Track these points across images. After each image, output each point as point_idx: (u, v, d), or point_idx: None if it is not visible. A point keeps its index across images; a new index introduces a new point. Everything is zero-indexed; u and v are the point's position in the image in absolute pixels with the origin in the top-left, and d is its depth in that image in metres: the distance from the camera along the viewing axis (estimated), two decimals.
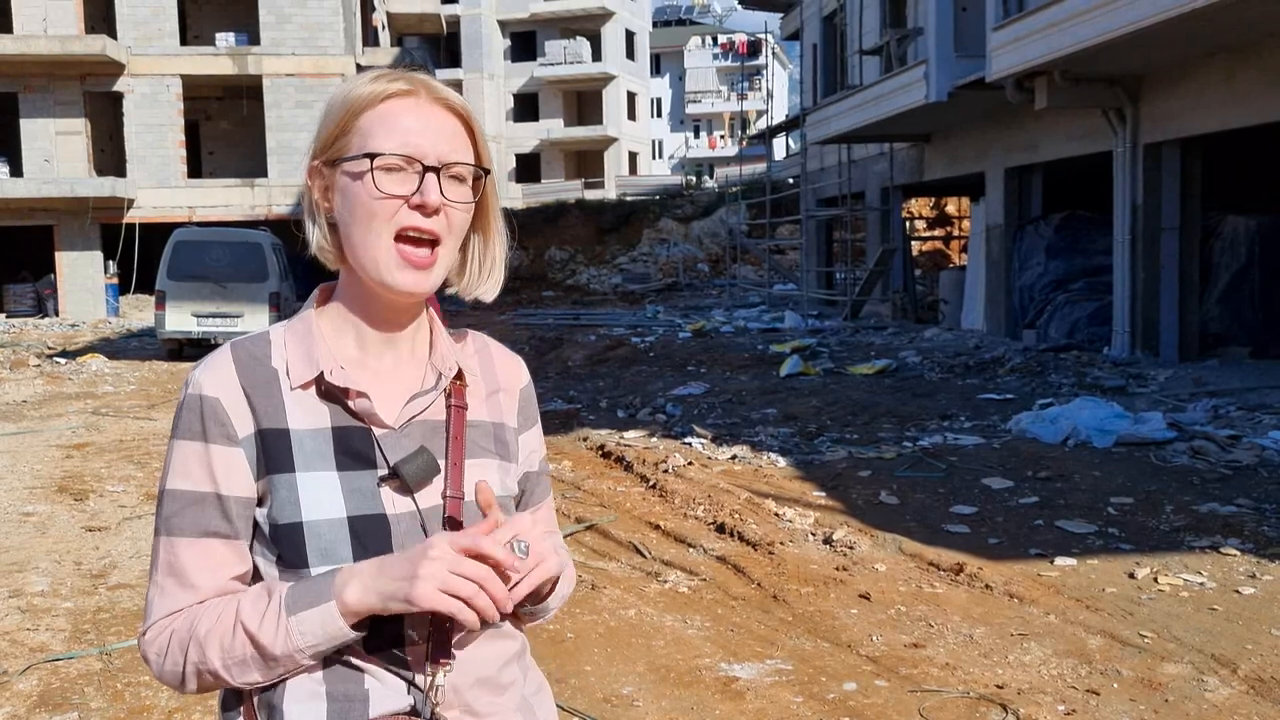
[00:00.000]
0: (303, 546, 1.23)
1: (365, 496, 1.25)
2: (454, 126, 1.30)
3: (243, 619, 1.20)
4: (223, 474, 1.25)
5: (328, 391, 1.28)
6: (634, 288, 33.73)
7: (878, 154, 21.05)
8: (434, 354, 1.37)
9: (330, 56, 29.54)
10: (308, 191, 1.33)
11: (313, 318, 1.34)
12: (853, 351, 15.82)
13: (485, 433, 1.37)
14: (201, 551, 1.25)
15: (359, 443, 1.28)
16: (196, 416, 1.26)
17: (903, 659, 4.56)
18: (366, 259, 1.26)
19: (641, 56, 57.13)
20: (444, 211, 1.26)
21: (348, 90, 1.29)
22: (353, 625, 1.19)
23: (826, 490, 7.53)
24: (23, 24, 28.60)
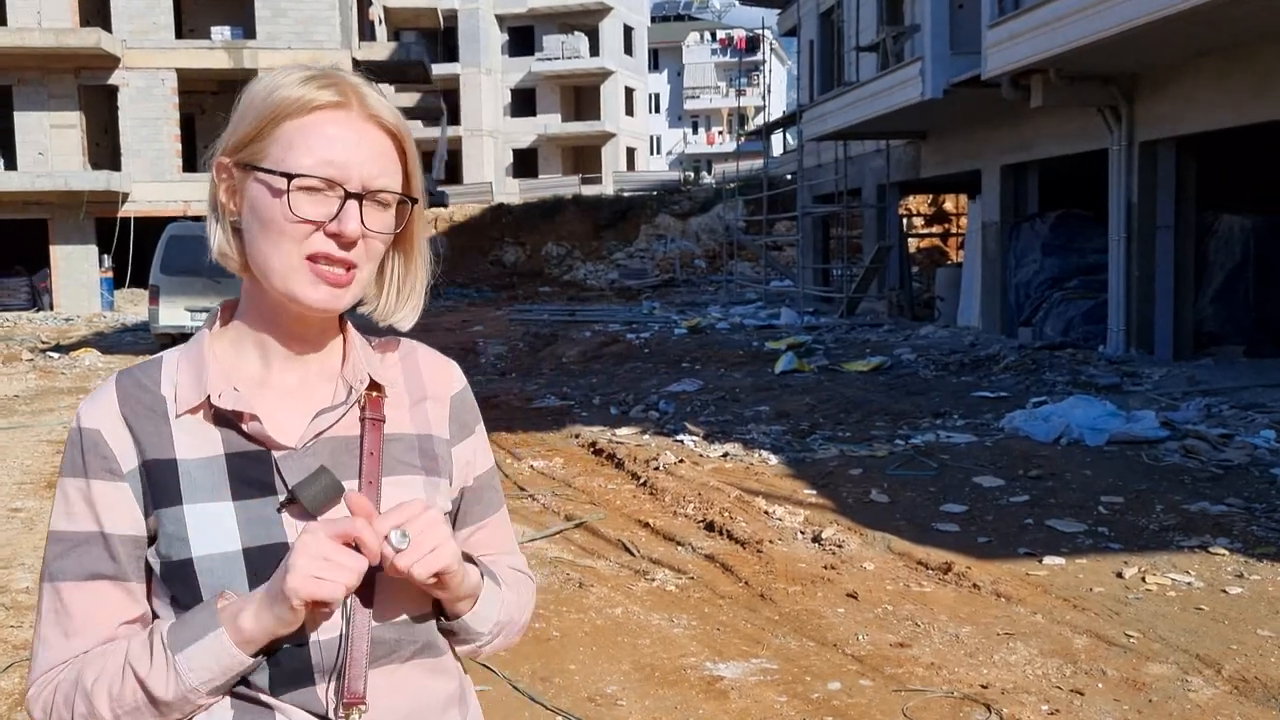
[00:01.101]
0: (195, 585, 1.13)
1: (265, 525, 1.15)
2: (384, 146, 1.18)
3: (131, 663, 1.11)
4: (106, 511, 1.16)
5: (221, 416, 1.18)
6: (631, 284, 33.72)
7: (874, 151, 21.04)
8: (346, 366, 1.26)
9: (326, 51, 29.46)
10: (212, 189, 1.22)
11: (206, 338, 1.24)
12: (848, 348, 15.81)
13: (408, 446, 1.26)
14: (88, 596, 1.16)
15: (256, 468, 1.17)
16: (78, 451, 1.18)
17: (888, 658, 4.55)
18: (274, 272, 1.16)
19: (639, 52, 57.08)
20: (362, 240, 1.16)
21: (272, 89, 1.17)
22: (254, 653, 1.11)
23: (817, 488, 7.52)
24: (17, 16, 28.53)
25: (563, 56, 52.09)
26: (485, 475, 1.38)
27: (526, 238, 42.22)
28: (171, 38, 29.21)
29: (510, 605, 1.31)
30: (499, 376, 14.27)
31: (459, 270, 41.46)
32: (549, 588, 5.52)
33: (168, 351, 1.25)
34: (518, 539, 5.53)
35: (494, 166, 51.83)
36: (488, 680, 4.32)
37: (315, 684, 1.15)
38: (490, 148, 51.95)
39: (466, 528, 1.36)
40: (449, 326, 21.11)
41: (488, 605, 1.26)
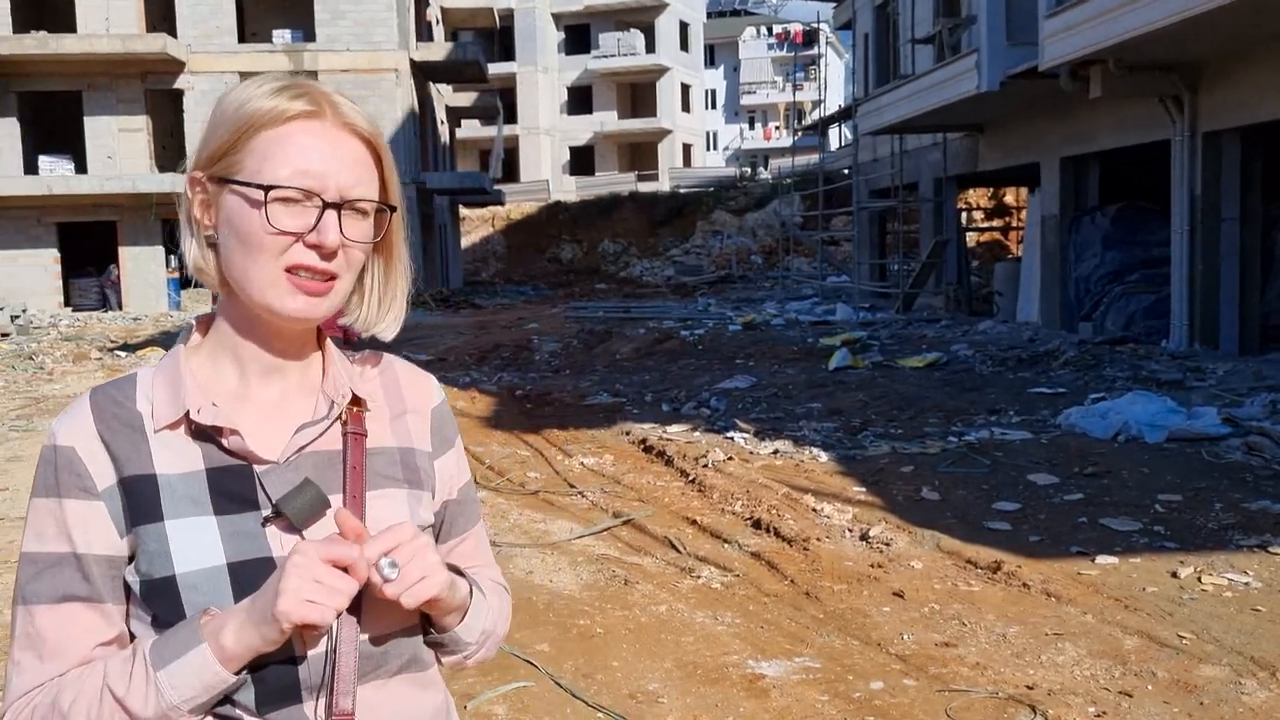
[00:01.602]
0: (178, 602, 1.11)
1: (249, 540, 1.13)
2: (360, 155, 1.18)
3: (109, 684, 1.08)
4: (79, 531, 1.13)
5: (200, 431, 1.16)
6: (687, 280, 33.72)
7: (931, 144, 20.80)
8: (326, 380, 1.24)
9: (384, 52, 29.85)
10: (186, 204, 1.19)
11: (181, 354, 1.22)
12: (903, 344, 15.66)
13: (390, 460, 1.25)
14: (61, 618, 1.12)
15: (238, 483, 1.16)
16: (51, 469, 1.14)
17: (933, 658, 4.51)
18: (252, 285, 1.14)
19: (695, 48, 56.97)
20: (341, 250, 1.15)
21: (244, 100, 1.15)
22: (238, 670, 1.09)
23: (867, 486, 7.47)
24: (86, 23, 29.24)
25: (619, 54, 52.18)
26: (466, 487, 1.37)
27: (583, 235, 42.41)
28: (234, 42, 29.76)
29: (494, 614, 1.31)
30: (552, 374, 14.35)
31: (515, 268, 41.76)
32: (594, 584, 5.55)
33: (141, 369, 1.23)
34: (567, 535, 5.58)
35: (551, 164, 52.07)
36: (531, 676, 4.36)
37: (303, 701, 1.13)
38: (547, 146, 52.21)
39: (451, 540, 1.35)
40: (505, 324, 21.28)
41: (475, 616, 1.25)
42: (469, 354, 16.71)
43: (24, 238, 28.48)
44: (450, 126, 40.51)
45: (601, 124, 52.89)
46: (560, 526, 6.69)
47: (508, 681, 4.31)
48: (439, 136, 36.56)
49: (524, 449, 9.25)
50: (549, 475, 8.22)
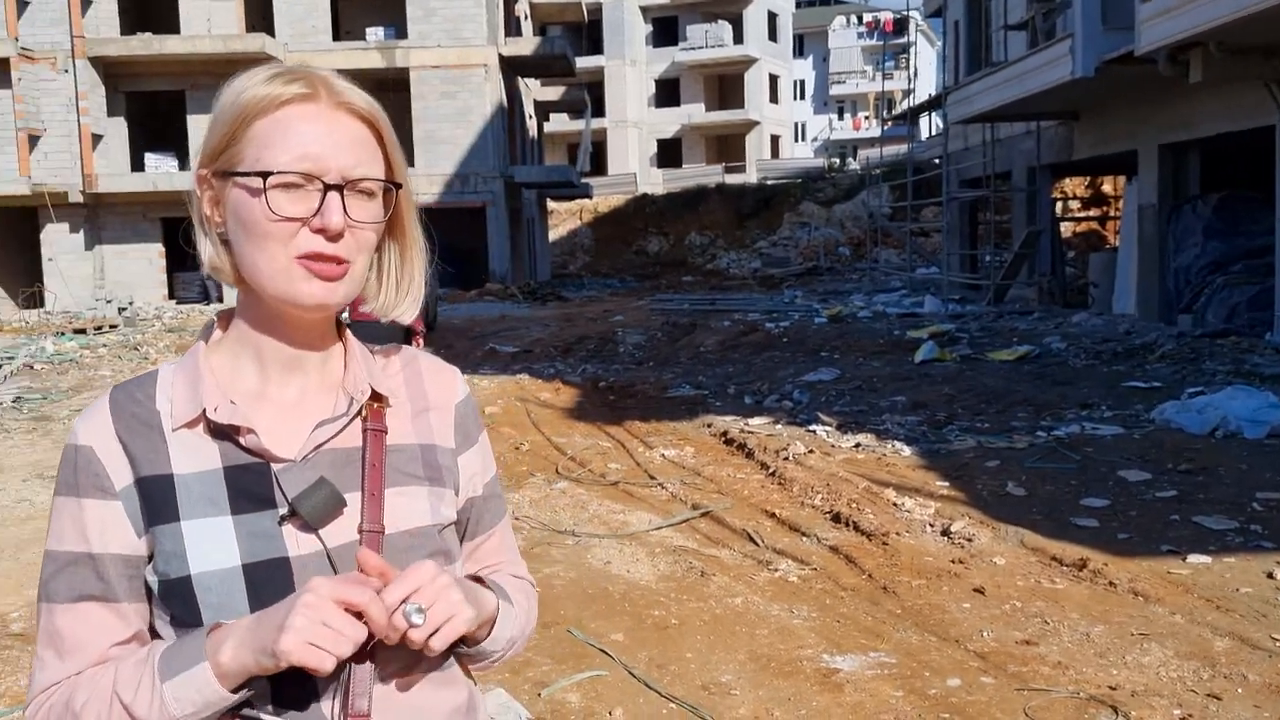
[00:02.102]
0: (194, 602, 1.10)
1: (264, 540, 1.12)
2: (360, 134, 1.15)
3: (118, 690, 1.08)
4: (96, 531, 1.13)
5: (218, 430, 1.15)
6: (773, 272, 33.52)
7: (1024, 133, 20.32)
8: (346, 376, 1.22)
9: (474, 47, 30.21)
10: (196, 203, 1.18)
11: (201, 351, 1.21)
12: (993, 337, 15.37)
13: (411, 457, 1.22)
14: (78, 617, 1.13)
15: (255, 481, 1.14)
16: (71, 469, 1.15)
17: (1012, 656, 4.43)
18: (264, 276, 1.12)
19: (784, 38, 56.52)
20: (350, 232, 1.12)
21: (239, 91, 1.14)
22: (236, 687, 1.07)
23: (950, 480, 7.35)
24: (189, 25, 30.17)
25: (706, 45, 52.00)
26: (491, 483, 1.35)
27: (670, 227, 42.41)
28: (329, 40, 30.41)
29: (520, 619, 1.29)
30: (636, 366, 14.40)
31: (602, 261, 41.95)
32: (671, 576, 5.57)
33: (163, 365, 1.23)
34: (645, 526, 5.60)
35: (638, 157, 52.17)
36: (605, 665, 4.40)
37: (319, 701, 1.12)
38: (634, 139, 52.31)
39: (477, 536, 1.34)
40: (590, 316, 21.40)
41: (502, 627, 1.24)
42: (554, 346, 16.86)
43: (131, 233, 29.53)
44: (538, 121, 40.85)
45: (689, 116, 52.80)
46: (639, 517, 6.72)
47: (582, 670, 4.35)
48: (527, 131, 36.89)
49: (606, 440, 9.31)
50: (630, 466, 8.26)
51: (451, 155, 30.41)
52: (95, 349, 18.19)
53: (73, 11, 28.91)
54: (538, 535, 6.35)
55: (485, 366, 14.61)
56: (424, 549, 1.18)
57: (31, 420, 10.96)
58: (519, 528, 6.51)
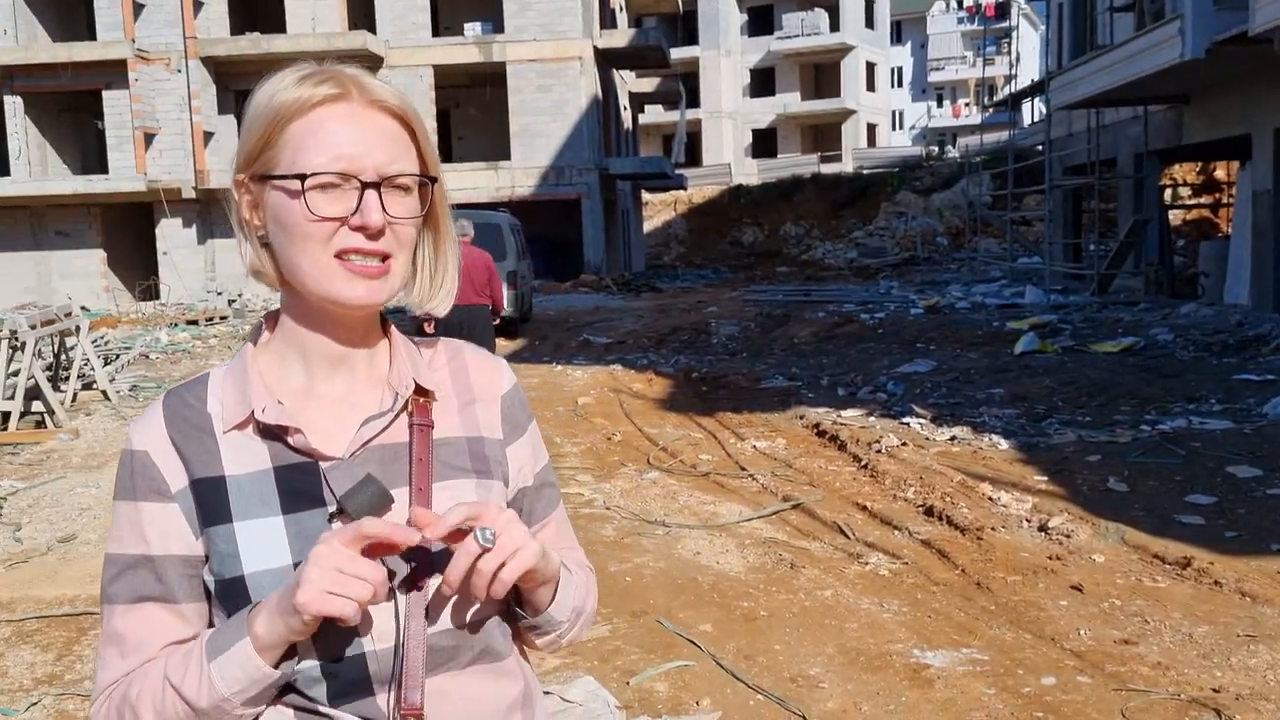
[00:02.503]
0: (248, 602, 1.12)
1: (314, 539, 1.10)
2: (393, 131, 1.16)
3: (169, 674, 1.10)
4: (154, 533, 1.16)
5: (267, 430, 1.17)
6: (869, 262, 33.11)
7: (1130, 118, 19.69)
8: (391, 371, 1.23)
9: (569, 40, 30.42)
10: (235, 207, 1.19)
11: (249, 353, 1.22)
12: (1097, 328, 14.95)
13: (458, 450, 1.23)
14: (138, 619, 1.16)
15: (305, 480, 1.15)
16: (128, 473, 1.18)
17: (1110, 655, 4.33)
18: (308, 277, 1.14)
19: (881, 25, 55.68)
20: (389, 229, 1.14)
21: (271, 94, 1.15)
22: (278, 661, 1.09)
23: (1049, 475, 7.19)
24: (294, 23, 30.98)
25: (802, 34, 51.52)
26: (543, 472, 1.35)
27: (764, 218, 42.18)
28: (429, 36, 30.92)
29: (581, 590, 1.29)
30: (729, 357, 14.37)
31: (696, 252, 41.91)
32: (760, 567, 5.57)
33: (214, 369, 1.25)
34: (736, 518, 5.59)
35: (733, 148, 51.96)
36: (693, 655, 4.42)
37: (374, 694, 1.13)
38: (729, 129, 52.11)
39: (532, 526, 1.33)
40: (684, 307, 21.42)
41: (566, 592, 1.24)
42: (648, 337, 16.93)
43: None
44: (633, 112, 40.96)
45: (784, 106, 52.39)
46: (729, 509, 6.72)
47: (670, 660, 4.38)
48: (621, 122, 37.02)
49: (697, 431, 9.32)
50: (720, 457, 8.26)
51: (547, 148, 30.68)
52: (206, 339, 18.85)
53: (185, 13, 29.91)
54: (628, 525, 6.40)
55: (579, 357, 14.74)
56: None
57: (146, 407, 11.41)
58: (610, 518, 6.58)
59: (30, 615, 5.07)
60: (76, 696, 4.19)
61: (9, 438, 9.56)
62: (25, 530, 6.60)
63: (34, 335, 10.08)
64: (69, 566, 5.82)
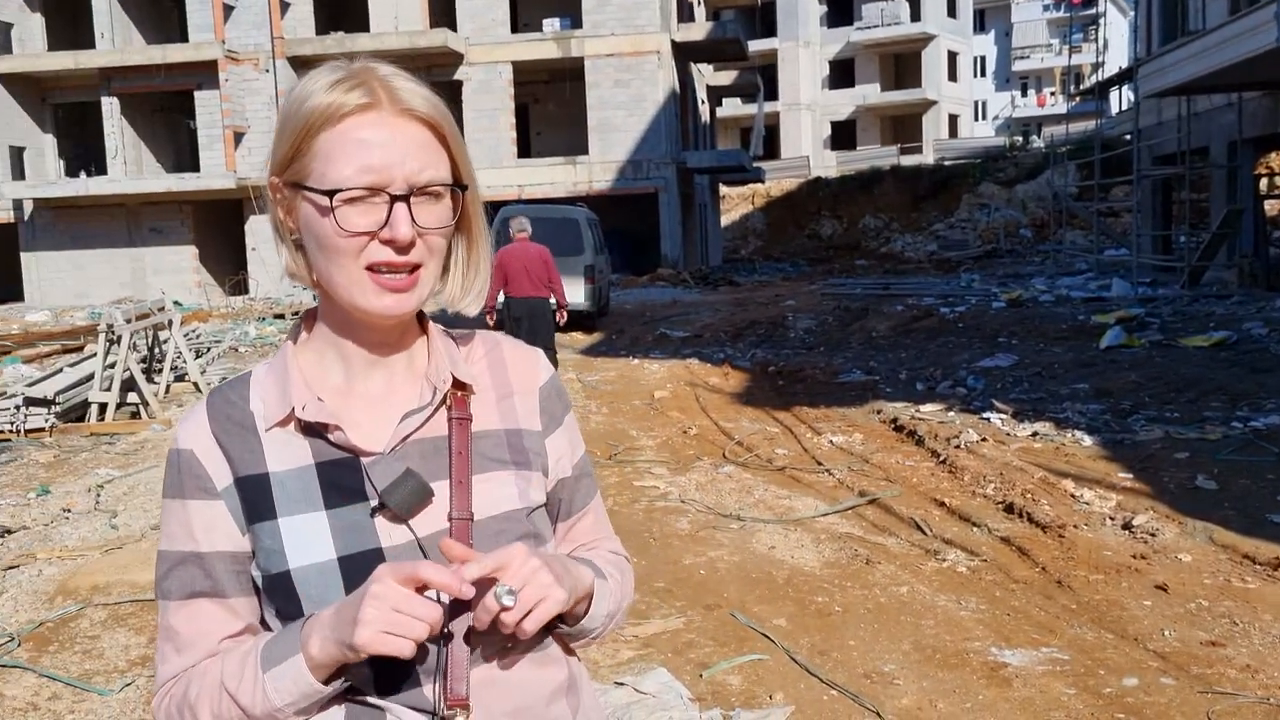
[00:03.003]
0: (294, 596, 1.14)
1: (358, 533, 1.15)
2: (423, 139, 1.15)
3: (224, 680, 1.13)
4: (202, 530, 1.18)
5: (308, 426, 1.18)
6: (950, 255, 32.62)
7: (1224, 105, 19.10)
8: (429, 366, 1.25)
9: (647, 34, 30.46)
10: (272, 208, 1.20)
11: (289, 351, 1.24)
12: (1187, 322, 14.55)
13: (497, 442, 1.24)
14: (191, 614, 1.19)
15: (346, 475, 1.17)
16: (175, 472, 1.20)
17: (1196, 657, 4.23)
18: (338, 287, 1.15)
19: (964, 13, 54.69)
20: (419, 239, 1.14)
21: (302, 100, 1.14)
22: (329, 677, 1.11)
23: (1134, 472, 7.04)
24: (377, 22, 31.51)
25: (882, 24, 50.85)
26: (581, 463, 1.36)
27: (843, 211, 41.80)
28: (508, 33, 31.21)
29: (616, 594, 1.30)
30: (806, 351, 14.29)
31: (774, 245, 41.69)
32: (835, 562, 5.54)
33: (256, 367, 1.26)
34: (811, 512, 5.56)
35: (811, 140, 51.53)
36: (766, 649, 4.43)
37: (421, 684, 1.15)
38: (808, 121, 51.69)
39: (571, 516, 1.35)
40: (762, 301, 21.34)
41: (599, 603, 1.25)
42: (724, 330, 16.90)
43: None
44: (711, 105, 40.85)
45: (864, 97, 51.78)
46: (805, 503, 6.70)
47: (744, 653, 4.39)
48: (699, 116, 36.95)
49: (773, 425, 9.30)
50: (797, 452, 8.23)
51: (624, 143, 30.77)
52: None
53: (273, 14, 30.61)
54: (703, 518, 6.41)
55: (656, 351, 14.78)
56: (513, 533, 1.20)
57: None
58: (685, 511, 6.60)
59: (125, 599, 5.25)
60: None
61: (106, 428, 9.91)
62: (121, 517, 6.84)
63: (129, 330, 10.43)
64: None
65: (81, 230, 31.75)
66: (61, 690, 4.26)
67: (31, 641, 4.79)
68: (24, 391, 9.87)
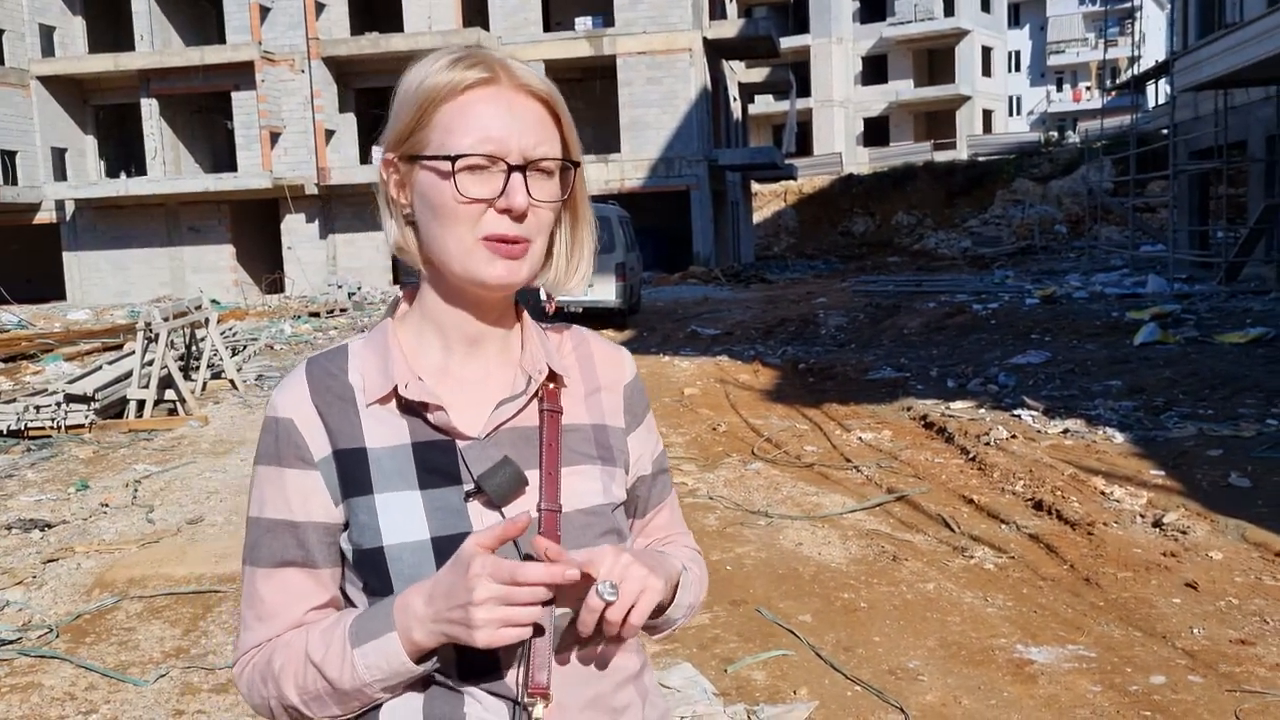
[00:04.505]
0: (386, 573, 1.15)
1: (451, 515, 1.16)
2: (539, 115, 1.18)
3: (310, 651, 1.14)
4: (298, 499, 1.19)
5: (407, 405, 1.20)
6: (984, 252, 32.40)
7: (1262, 99, 18.85)
8: (524, 355, 1.26)
9: (679, 32, 30.47)
10: (382, 186, 1.23)
11: (390, 327, 1.25)
12: (1224, 318, 14.38)
13: (585, 437, 1.26)
14: (279, 583, 1.20)
15: (442, 457, 1.18)
16: (273, 439, 1.20)
17: (1225, 655, 4.21)
18: (451, 257, 1.16)
19: (998, 8, 54.22)
20: (531, 212, 1.16)
21: (423, 77, 1.18)
22: (420, 658, 1.12)
23: (1166, 469, 6.98)
24: (411, 22, 31.72)
25: (915, 19, 50.54)
26: (659, 459, 1.37)
27: (875, 207, 41.62)
28: (540, 31, 31.33)
29: (695, 586, 1.31)
30: (837, 348, 14.26)
31: (806, 242, 41.57)
32: (862, 559, 5.55)
33: (353, 340, 1.26)
34: (839, 509, 5.57)
35: (844, 136, 51.30)
36: (792, 645, 4.45)
37: (503, 671, 1.16)
38: (840, 118, 51.46)
39: (648, 513, 1.37)
40: (793, 299, 21.30)
41: (684, 593, 1.27)
42: (755, 328, 16.89)
43: (360, 222, 31.37)
44: (743, 102, 40.78)
45: (896, 93, 51.48)
46: (833, 500, 6.70)
47: (769, 649, 4.41)
48: (731, 113, 36.90)
49: (803, 422, 9.30)
50: (826, 449, 8.23)
51: (656, 140, 30.79)
52: (327, 331, 19.48)
53: (308, 15, 30.89)
54: (731, 515, 6.43)
55: (686, 349, 14.80)
56: (598, 527, 1.22)
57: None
58: (713, 507, 6.63)
59: (161, 592, 5.36)
60: (202, 670, 4.42)
61: (144, 424, 10.07)
62: (157, 512, 6.96)
63: (166, 327, 10.58)
64: (196, 547, 6.12)
65: (122, 230, 32.21)
66: (98, 680, 4.35)
67: (69, 633, 4.90)
68: (64, 388, 10.05)
